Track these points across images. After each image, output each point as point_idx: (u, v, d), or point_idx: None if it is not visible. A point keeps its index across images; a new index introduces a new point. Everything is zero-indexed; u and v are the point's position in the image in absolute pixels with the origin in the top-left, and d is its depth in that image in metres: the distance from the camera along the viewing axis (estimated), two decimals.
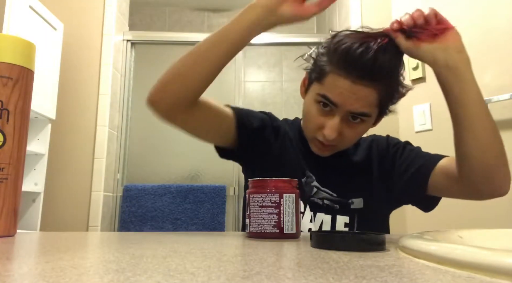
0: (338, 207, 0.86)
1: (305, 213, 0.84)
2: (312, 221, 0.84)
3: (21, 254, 0.37)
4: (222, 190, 2.27)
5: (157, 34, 2.71)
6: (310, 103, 0.80)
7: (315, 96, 0.78)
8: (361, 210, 0.87)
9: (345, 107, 0.75)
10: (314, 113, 0.79)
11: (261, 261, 0.34)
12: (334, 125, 0.76)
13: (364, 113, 0.76)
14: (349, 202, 0.87)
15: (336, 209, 0.86)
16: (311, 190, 0.86)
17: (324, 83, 0.76)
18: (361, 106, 0.75)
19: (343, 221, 0.86)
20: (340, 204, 0.86)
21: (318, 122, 0.79)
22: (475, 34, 1.68)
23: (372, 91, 0.74)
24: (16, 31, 1.70)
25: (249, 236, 0.59)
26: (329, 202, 0.86)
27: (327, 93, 0.75)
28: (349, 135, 0.79)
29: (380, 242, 0.44)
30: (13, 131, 0.53)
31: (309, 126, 0.82)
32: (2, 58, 0.53)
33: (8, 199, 0.52)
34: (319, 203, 0.86)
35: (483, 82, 1.63)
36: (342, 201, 0.86)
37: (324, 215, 0.85)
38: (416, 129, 1.92)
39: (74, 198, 2.12)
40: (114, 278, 0.25)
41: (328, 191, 0.87)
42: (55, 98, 2.00)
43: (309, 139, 0.85)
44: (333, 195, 0.87)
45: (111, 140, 2.24)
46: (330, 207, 0.86)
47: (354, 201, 0.87)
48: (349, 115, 0.76)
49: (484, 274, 0.28)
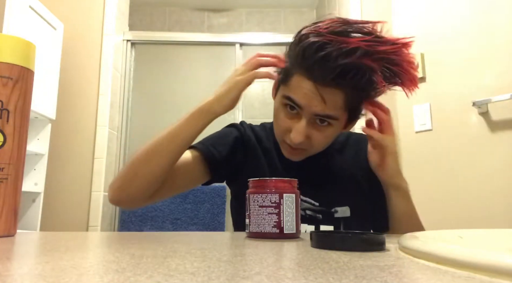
0: (321, 216, 0.82)
1: None
2: None
3: (21, 254, 0.37)
4: (222, 190, 2.27)
5: (157, 34, 2.71)
6: (277, 106, 0.78)
7: (281, 98, 0.75)
8: (348, 218, 0.84)
9: (310, 109, 0.71)
10: (282, 116, 0.76)
11: (261, 261, 0.34)
12: (300, 128, 0.73)
13: (330, 115, 0.72)
14: (331, 211, 0.83)
15: (319, 219, 0.82)
16: None
17: (289, 85, 0.73)
18: (326, 108, 0.71)
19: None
20: (323, 214, 0.82)
21: (285, 125, 0.76)
22: (475, 34, 1.68)
23: (338, 94, 0.70)
24: (16, 31, 1.70)
25: (249, 236, 0.59)
26: (311, 212, 0.82)
27: (291, 94, 0.72)
28: (317, 138, 0.76)
29: (380, 242, 0.44)
30: (13, 131, 0.53)
31: (277, 130, 0.80)
32: (2, 58, 0.53)
33: (8, 199, 0.52)
34: (301, 214, 0.81)
35: (483, 82, 1.63)
36: (325, 210, 0.83)
37: (307, 226, 0.82)
38: (416, 129, 1.92)
39: (74, 198, 2.12)
40: (114, 278, 0.25)
41: (309, 200, 0.83)
42: (55, 98, 2.00)
43: (279, 142, 0.82)
44: (315, 204, 0.83)
45: (111, 140, 2.24)
46: (313, 218, 0.82)
47: (338, 210, 0.83)
48: (316, 118, 0.73)
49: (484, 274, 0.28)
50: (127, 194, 0.77)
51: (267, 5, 3.38)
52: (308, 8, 3.42)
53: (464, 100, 1.66)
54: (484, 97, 1.59)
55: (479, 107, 1.61)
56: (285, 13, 3.42)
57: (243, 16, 3.41)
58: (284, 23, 3.40)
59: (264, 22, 3.40)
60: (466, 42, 1.71)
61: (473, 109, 1.63)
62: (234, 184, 0.92)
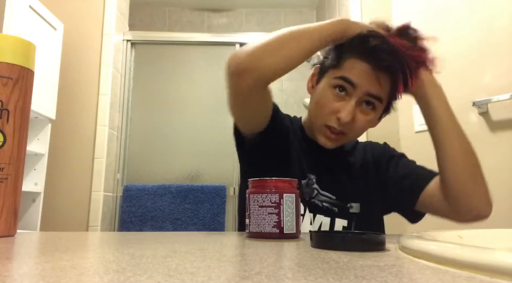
0: (337, 210, 0.86)
1: (305, 216, 0.84)
2: (312, 224, 0.84)
3: (21, 254, 0.37)
4: (222, 190, 2.27)
5: (157, 34, 2.71)
6: (324, 90, 0.81)
7: (332, 80, 0.80)
8: (359, 214, 0.87)
9: (364, 88, 0.77)
10: (328, 98, 0.80)
11: (261, 261, 0.34)
12: (350, 107, 0.77)
13: (380, 97, 0.78)
14: (347, 206, 0.87)
15: (335, 212, 0.86)
16: (311, 192, 0.86)
17: (343, 67, 0.78)
18: (379, 90, 0.77)
19: (341, 224, 0.85)
20: (339, 208, 0.86)
21: (332, 107, 0.79)
22: (475, 34, 1.68)
23: (387, 81, 0.77)
24: (16, 31, 1.70)
25: (249, 236, 0.59)
26: (328, 205, 0.86)
27: (346, 74, 0.77)
28: (360, 120, 0.80)
29: (380, 242, 0.44)
30: (13, 131, 0.53)
31: (322, 112, 0.82)
32: (2, 58, 0.53)
33: (8, 199, 0.52)
34: (318, 205, 0.85)
35: (483, 82, 1.63)
36: (341, 204, 0.86)
37: (323, 217, 0.85)
38: (416, 129, 1.92)
39: (74, 198, 2.12)
40: (114, 278, 0.25)
41: (327, 194, 0.86)
42: (55, 98, 2.00)
43: (318, 128, 0.83)
44: (332, 198, 0.86)
45: (111, 140, 2.24)
46: (329, 210, 0.86)
47: (352, 205, 0.87)
48: (364, 99, 0.78)
49: (484, 274, 0.28)
50: (265, 65, 0.72)
51: (267, 5, 3.38)
52: (308, 8, 3.42)
53: (464, 100, 1.65)
54: (484, 97, 1.59)
55: (479, 107, 1.61)
56: (285, 13, 3.42)
57: (243, 16, 3.41)
58: (284, 23, 3.40)
59: (264, 22, 3.40)
60: (466, 42, 1.71)
61: (473, 109, 1.63)
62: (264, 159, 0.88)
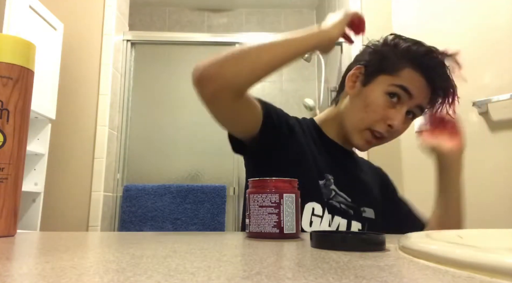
0: (352, 212, 0.86)
1: (324, 217, 0.82)
2: (330, 225, 0.82)
3: (21, 254, 0.37)
4: (222, 190, 2.27)
5: (157, 34, 2.71)
6: (378, 94, 0.83)
7: (387, 86, 0.82)
8: (373, 220, 0.88)
9: (418, 100, 0.83)
10: (382, 104, 0.82)
11: (261, 261, 0.34)
12: (402, 116, 0.82)
13: (424, 109, 0.86)
14: (361, 209, 0.88)
15: (351, 214, 0.86)
16: (329, 192, 0.85)
17: (400, 76, 0.82)
18: (426, 104, 0.85)
19: (357, 227, 0.85)
20: (354, 210, 0.86)
21: (384, 114, 0.82)
22: (475, 34, 1.68)
23: (429, 94, 0.84)
24: (16, 31, 1.70)
25: (249, 236, 0.59)
26: (345, 207, 0.86)
27: (406, 84, 0.81)
28: (402, 130, 0.85)
29: (380, 242, 0.44)
30: (13, 131, 0.53)
31: (371, 117, 0.83)
32: (2, 58, 0.53)
33: (8, 199, 0.52)
34: (336, 206, 0.84)
35: (483, 82, 1.63)
36: (356, 207, 0.87)
37: (341, 219, 0.84)
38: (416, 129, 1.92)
39: (74, 198, 2.12)
40: (114, 278, 0.25)
41: (343, 196, 0.86)
42: (55, 98, 2.00)
43: (359, 130, 0.85)
44: (348, 199, 0.86)
45: (111, 140, 2.24)
46: (346, 212, 0.85)
47: (365, 210, 0.88)
48: (412, 109, 0.84)
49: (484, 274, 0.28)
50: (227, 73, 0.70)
51: (267, 5, 3.38)
52: (308, 9, 3.42)
53: (464, 100, 1.65)
54: (484, 97, 1.59)
55: (479, 107, 1.61)
56: (285, 13, 3.42)
57: (243, 16, 3.41)
58: (284, 23, 3.40)
59: (264, 22, 3.40)
60: (466, 42, 1.71)
61: (473, 109, 1.63)
62: (273, 160, 0.85)
